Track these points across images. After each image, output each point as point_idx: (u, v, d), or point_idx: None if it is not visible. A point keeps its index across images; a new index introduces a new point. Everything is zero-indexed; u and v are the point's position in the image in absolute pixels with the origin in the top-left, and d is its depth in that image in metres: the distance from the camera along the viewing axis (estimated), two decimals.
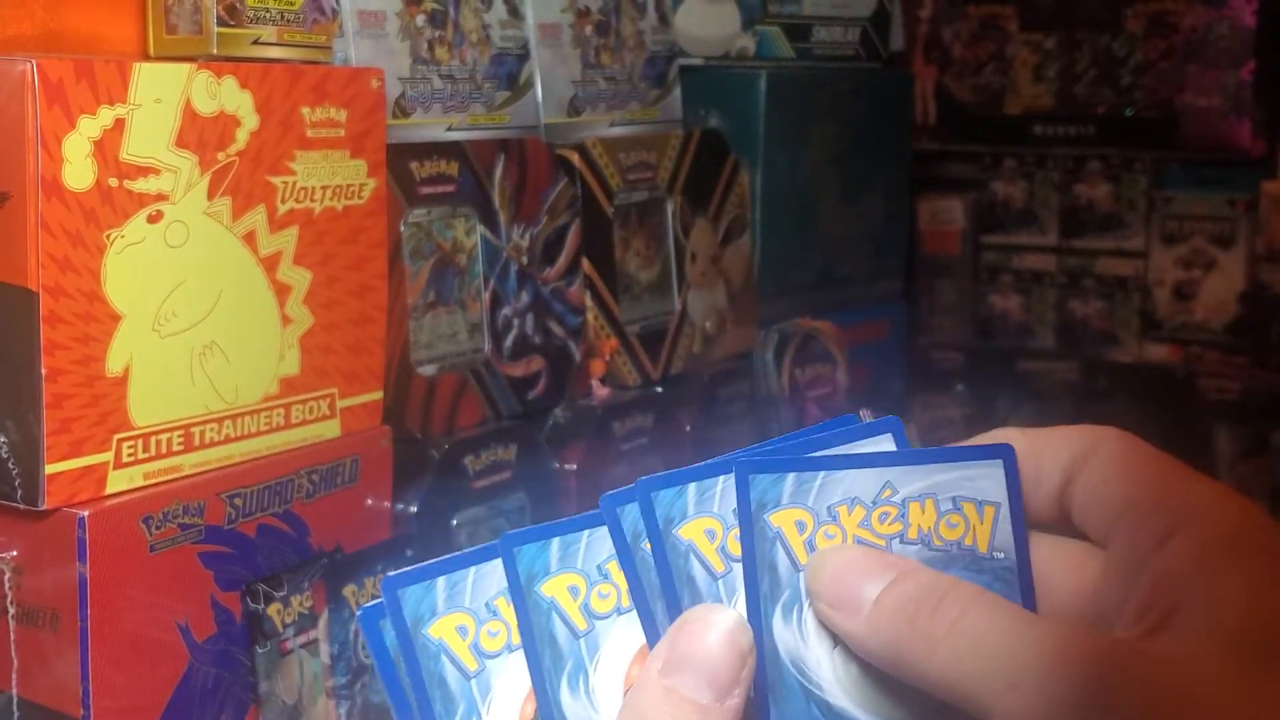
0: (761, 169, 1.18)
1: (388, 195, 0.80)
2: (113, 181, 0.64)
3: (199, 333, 0.69)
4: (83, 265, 0.63)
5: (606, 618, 0.33)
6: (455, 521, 0.86)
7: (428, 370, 0.87)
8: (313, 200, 0.74)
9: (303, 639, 0.73)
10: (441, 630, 0.32)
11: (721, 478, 0.33)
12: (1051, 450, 0.35)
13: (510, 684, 0.32)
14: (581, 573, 0.33)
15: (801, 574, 0.33)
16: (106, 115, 0.63)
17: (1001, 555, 0.33)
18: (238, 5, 0.71)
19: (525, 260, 0.94)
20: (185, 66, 0.67)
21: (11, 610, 0.66)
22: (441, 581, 0.33)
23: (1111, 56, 1.55)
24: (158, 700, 0.68)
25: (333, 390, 0.77)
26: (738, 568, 0.33)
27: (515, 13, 0.98)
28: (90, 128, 0.63)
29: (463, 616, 0.33)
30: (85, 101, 0.63)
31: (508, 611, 0.33)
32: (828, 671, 0.32)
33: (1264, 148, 1.48)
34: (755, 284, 1.18)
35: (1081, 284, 1.57)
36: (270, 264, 0.72)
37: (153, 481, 0.67)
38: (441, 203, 0.88)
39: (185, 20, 0.72)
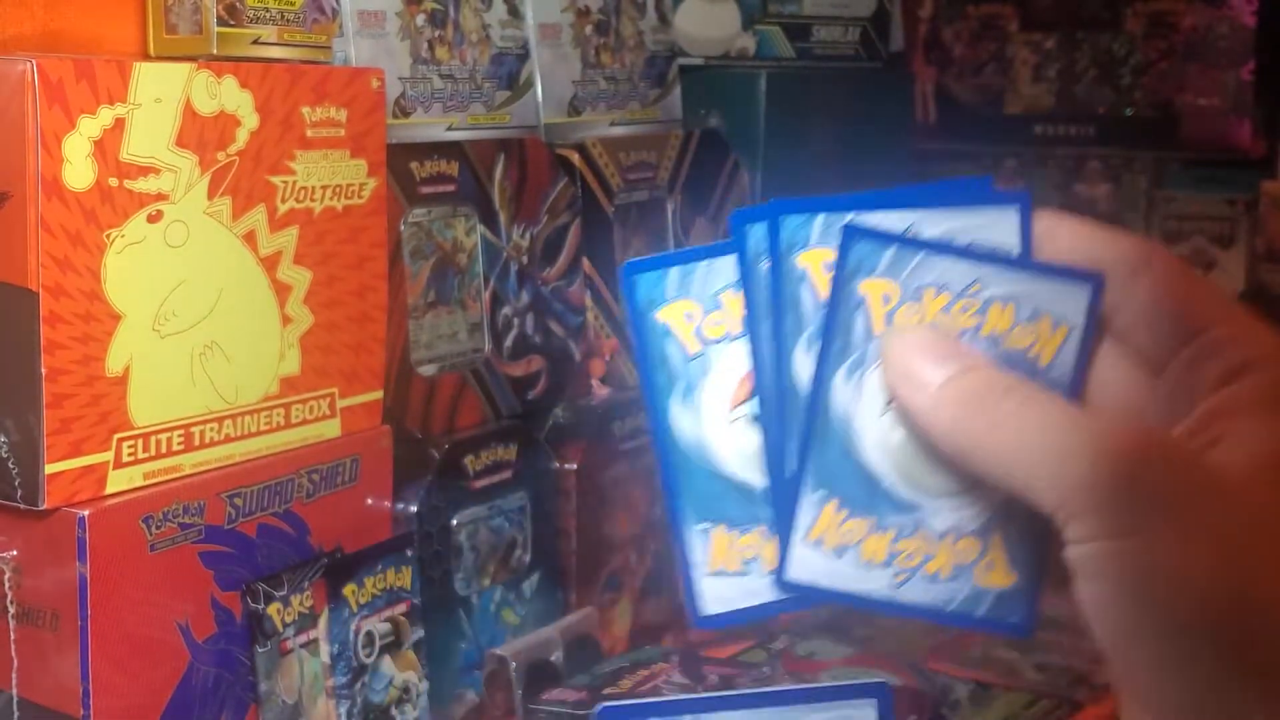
0: (762, 169, 1.18)
1: (388, 195, 0.80)
2: (113, 181, 0.64)
3: (199, 332, 0.69)
4: (83, 265, 0.64)
5: (718, 343, 0.35)
6: (455, 521, 0.86)
7: (428, 370, 0.87)
8: (313, 200, 0.74)
9: (303, 638, 0.73)
10: (669, 315, 0.35)
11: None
12: (1101, 252, 0.36)
13: (727, 368, 0.35)
14: (696, 299, 0.35)
15: (874, 342, 0.35)
16: (106, 115, 0.64)
17: (1057, 375, 0.35)
18: (238, 5, 0.71)
19: (525, 260, 0.94)
20: (185, 66, 0.67)
21: (11, 610, 0.66)
22: (675, 271, 0.35)
23: (1111, 56, 1.55)
24: (158, 700, 0.68)
25: (333, 390, 0.77)
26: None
27: (515, 12, 0.98)
28: (90, 127, 0.63)
29: (690, 304, 0.35)
30: (85, 101, 0.63)
31: (732, 303, 0.35)
32: (873, 434, 0.35)
33: (1264, 148, 1.48)
34: None
35: None
36: (270, 264, 0.72)
37: (153, 481, 0.68)
38: (442, 202, 0.88)
39: (185, 20, 0.72)
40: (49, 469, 0.63)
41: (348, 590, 0.75)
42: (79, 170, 0.63)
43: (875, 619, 1.10)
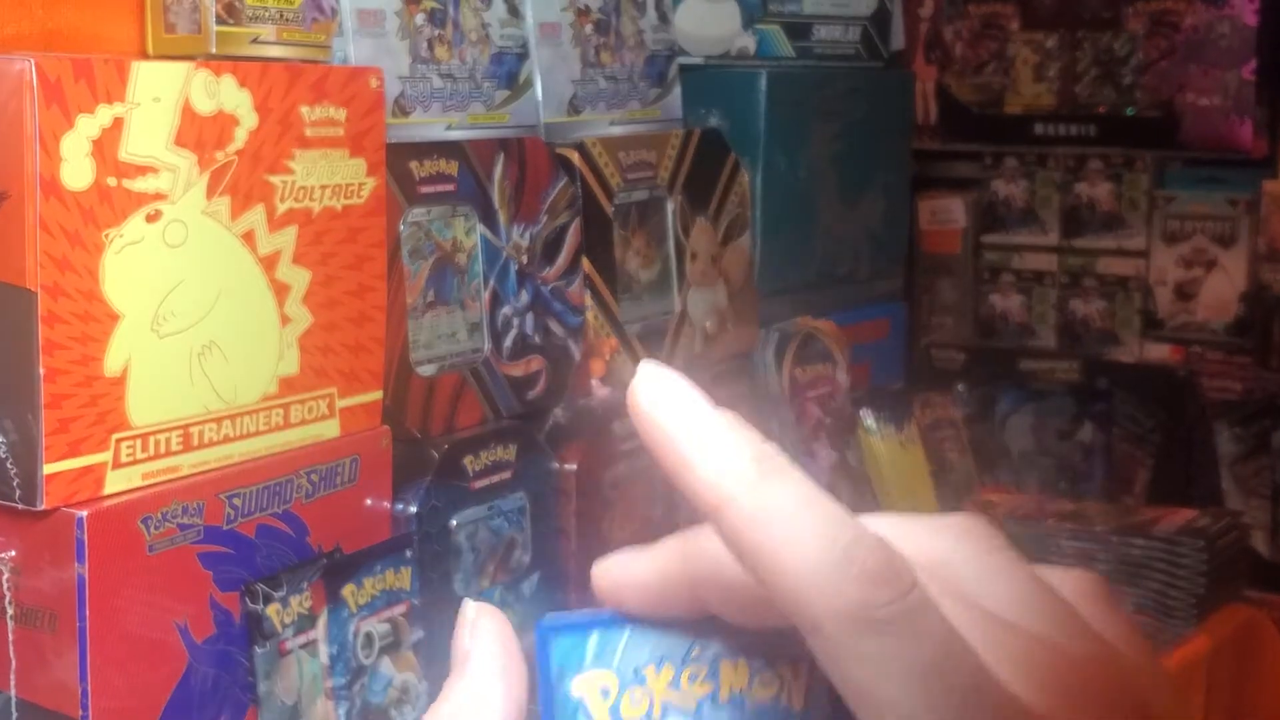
0: (762, 168, 1.18)
1: (387, 194, 0.80)
2: (111, 181, 0.64)
3: (198, 332, 0.69)
4: (81, 265, 0.63)
5: None
6: (455, 521, 0.86)
7: (427, 370, 0.87)
8: (312, 199, 0.74)
9: (302, 639, 0.73)
10: (583, 687, 0.32)
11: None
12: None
13: None
14: (616, 672, 0.32)
15: None
16: (105, 114, 0.63)
17: (816, 716, 0.31)
18: (236, 4, 0.71)
19: (525, 260, 0.94)
20: (184, 65, 0.67)
21: (10, 610, 0.66)
22: (595, 635, 0.32)
23: (1113, 55, 1.55)
24: (157, 700, 0.68)
25: (332, 390, 0.77)
26: None
27: (515, 11, 0.98)
28: (89, 127, 0.63)
29: (608, 676, 0.32)
30: (84, 100, 0.62)
31: (655, 682, 0.32)
32: None
33: (1265, 147, 1.48)
34: (755, 283, 1.18)
35: (1082, 283, 1.57)
36: (269, 263, 0.72)
37: (151, 481, 0.67)
38: (441, 202, 0.88)
39: (184, 19, 0.71)
40: (47, 469, 0.63)
41: (347, 591, 0.75)
42: (77, 170, 0.63)
43: None
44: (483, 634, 0.32)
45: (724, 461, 0.26)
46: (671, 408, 0.26)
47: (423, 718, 0.31)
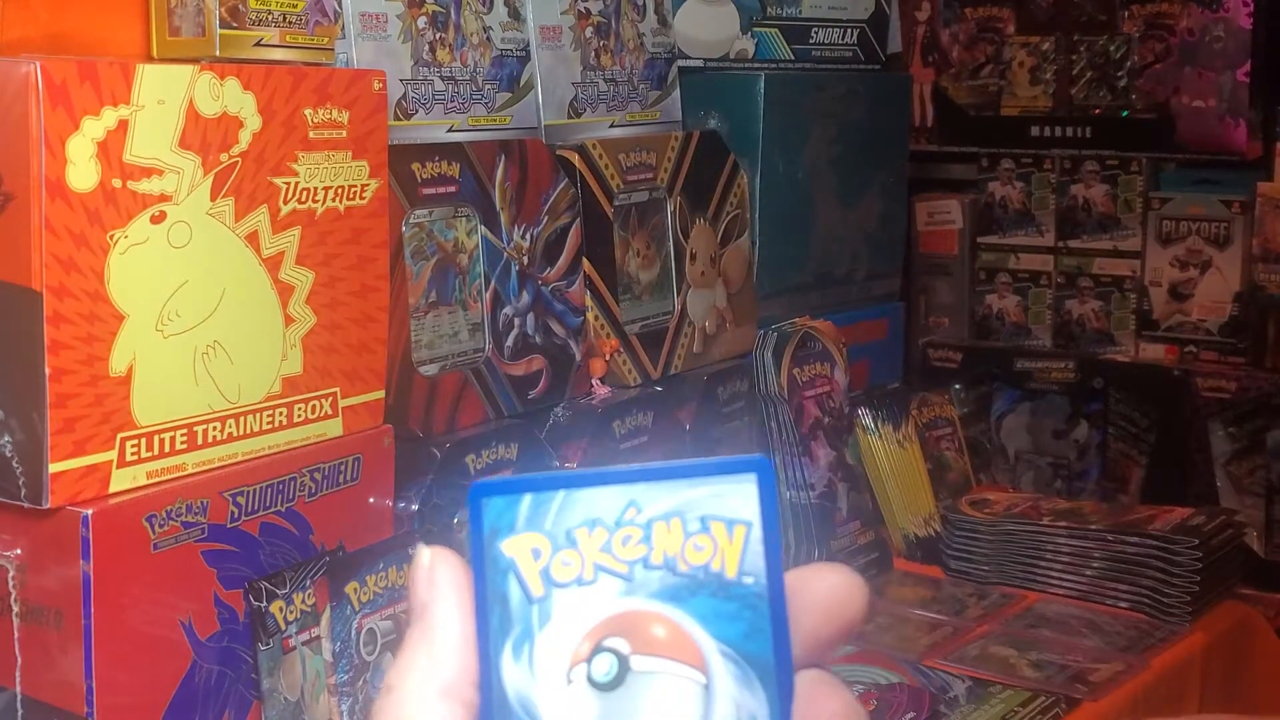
0: (760, 170, 1.18)
1: (389, 196, 0.80)
2: (116, 182, 0.65)
3: (202, 332, 0.69)
4: (86, 265, 0.64)
5: (565, 586, 0.31)
6: (456, 520, 0.87)
7: (429, 370, 0.87)
8: (315, 201, 0.74)
9: (305, 636, 0.73)
10: (515, 548, 0.32)
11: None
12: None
13: (571, 618, 0.31)
14: (548, 535, 0.32)
15: (535, 607, 0.31)
16: (110, 116, 0.64)
17: (751, 580, 0.31)
18: (240, 7, 0.72)
19: (526, 260, 0.94)
20: (188, 68, 0.68)
21: (16, 608, 0.66)
22: (528, 498, 0.32)
23: (1108, 58, 1.56)
24: (161, 697, 0.68)
25: (335, 389, 0.77)
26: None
27: (516, 15, 0.99)
28: (94, 129, 0.63)
29: (539, 538, 0.32)
30: (89, 103, 0.63)
31: (586, 544, 0.32)
32: (560, 714, 0.31)
33: (1260, 149, 1.48)
34: (754, 284, 1.19)
35: (1078, 284, 1.58)
36: (273, 264, 0.73)
37: (156, 480, 0.68)
38: (443, 203, 0.88)
39: (188, 22, 0.72)
40: (53, 468, 0.64)
41: (350, 588, 0.76)
42: (83, 171, 0.63)
43: (872, 619, 1.11)
44: (440, 583, 0.32)
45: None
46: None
47: (387, 672, 0.31)
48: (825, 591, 0.32)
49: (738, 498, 0.32)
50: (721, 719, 0.31)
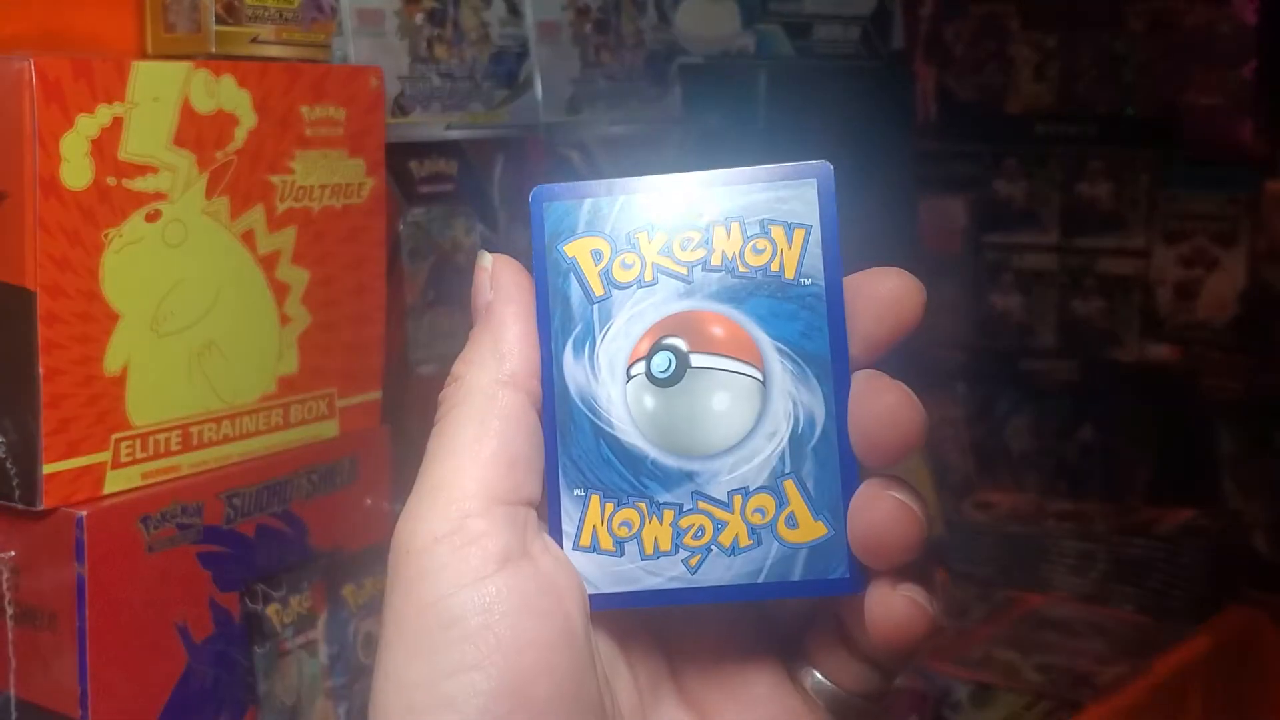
0: None
1: (387, 194, 0.80)
2: (111, 180, 0.64)
3: (197, 332, 0.69)
4: (80, 264, 0.63)
5: (625, 288, 0.32)
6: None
7: (427, 369, 0.87)
8: (311, 199, 0.74)
9: (301, 639, 0.73)
10: (576, 250, 0.32)
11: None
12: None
13: (631, 318, 0.32)
14: (608, 238, 0.32)
15: (596, 306, 0.32)
16: (104, 114, 0.63)
17: (809, 281, 0.32)
18: (236, 3, 0.71)
19: None
20: (183, 65, 0.67)
21: (9, 610, 0.66)
22: (588, 203, 0.32)
23: (1113, 55, 1.55)
24: (156, 701, 0.68)
25: (331, 390, 0.77)
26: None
27: (515, 10, 0.98)
28: (88, 126, 0.63)
29: (600, 241, 0.32)
30: (83, 100, 0.62)
31: (647, 247, 0.32)
32: (619, 408, 0.32)
33: (1266, 147, 1.48)
34: None
35: (1083, 283, 1.57)
36: (269, 263, 0.72)
37: (151, 481, 0.67)
38: (441, 202, 0.88)
39: (183, 18, 0.71)
40: (47, 469, 0.63)
41: (347, 591, 0.75)
42: (77, 169, 0.63)
43: None
44: (503, 284, 0.32)
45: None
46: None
47: (454, 364, 0.33)
48: (885, 292, 0.32)
49: (798, 201, 0.32)
50: (778, 413, 0.32)
